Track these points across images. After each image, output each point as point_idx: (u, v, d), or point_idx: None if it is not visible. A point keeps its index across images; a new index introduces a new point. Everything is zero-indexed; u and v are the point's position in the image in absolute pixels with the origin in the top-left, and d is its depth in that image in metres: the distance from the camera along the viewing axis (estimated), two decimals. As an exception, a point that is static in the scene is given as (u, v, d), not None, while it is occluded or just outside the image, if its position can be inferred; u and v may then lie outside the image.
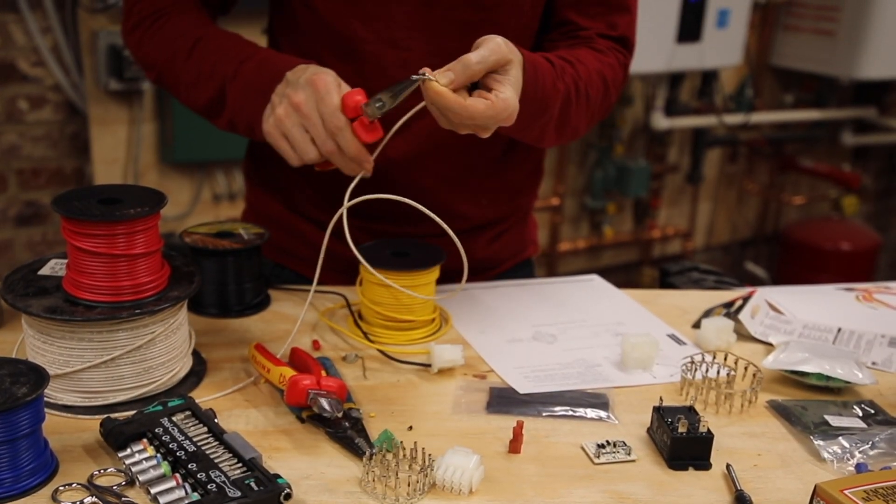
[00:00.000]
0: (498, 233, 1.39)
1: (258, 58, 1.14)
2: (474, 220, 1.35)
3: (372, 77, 1.21)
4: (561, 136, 1.22)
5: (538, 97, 1.09)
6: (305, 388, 0.92)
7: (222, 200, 3.10)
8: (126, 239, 0.93)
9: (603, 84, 1.24)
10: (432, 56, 1.20)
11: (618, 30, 1.28)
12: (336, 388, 0.94)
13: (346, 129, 1.01)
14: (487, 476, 0.87)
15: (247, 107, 1.12)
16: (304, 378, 0.93)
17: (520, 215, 1.44)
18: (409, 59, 1.20)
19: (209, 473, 0.82)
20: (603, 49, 1.26)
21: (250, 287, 1.22)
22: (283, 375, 0.96)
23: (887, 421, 1.01)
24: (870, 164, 4.63)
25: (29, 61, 2.74)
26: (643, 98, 3.79)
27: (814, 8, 3.89)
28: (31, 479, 0.82)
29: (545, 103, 1.12)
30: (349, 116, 1.01)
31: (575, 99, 1.18)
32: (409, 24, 1.18)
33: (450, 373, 1.08)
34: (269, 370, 0.99)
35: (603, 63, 1.24)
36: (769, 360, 1.10)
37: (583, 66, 1.20)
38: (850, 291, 1.41)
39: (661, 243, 4.23)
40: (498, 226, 1.39)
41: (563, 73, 1.15)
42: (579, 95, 1.19)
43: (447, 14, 1.18)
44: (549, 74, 1.12)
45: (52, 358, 0.94)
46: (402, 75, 1.20)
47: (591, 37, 1.27)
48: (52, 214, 2.90)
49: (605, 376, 1.09)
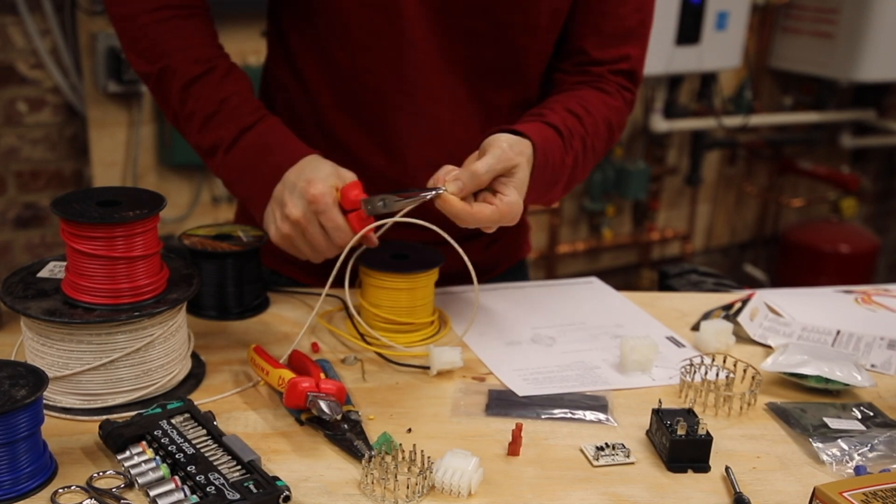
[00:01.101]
0: (494, 238, 1.39)
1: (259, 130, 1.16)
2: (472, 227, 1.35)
3: (384, 73, 1.20)
4: (567, 192, 1.27)
5: (548, 178, 1.15)
6: (304, 391, 0.92)
7: (221, 203, 3.10)
8: (125, 241, 0.93)
9: (608, 132, 1.27)
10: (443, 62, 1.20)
11: (629, 62, 1.28)
12: (335, 390, 0.94)
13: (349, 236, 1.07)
14: (486, 478, 0.87)
15: (242, 184, 1.18)
16: (303, 381, 0.93)
17: None
18: (421, 61, 1.19)
19: (208, 476, 0.82)
20: (611, 91, 1.27)
21: (249, 289, 1.22)
22: (282, 378, 0.96)
23: (886, 423, 1.01)
24: (869, 166, 4.63)
25: (28, 63, 2.74)
26: (642, 100, 3.80)
27: (813, 10, 3.90)
28: (30, 482, 0.82)
29: (555, 179, 1.18)
30: (346, 208, 1.07)
31: (582, 160, 1.22)
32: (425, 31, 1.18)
33: (449, 375, 1.08)
34: (268, 372, 0.99)
35: (610, 108, 1.26)
36: (768, 363, 1.10)
37: (590, 117, 1.23)
38: (849, 294, 1.41)
39: (660, 245, 4.23)
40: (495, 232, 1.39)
41: (572, 140, 1.19)
42: (586, 152, 1.22)
43: (461, 25, 1.19)
44: (559, 151, 1.16)
45: (51, 360, 0.94)
46: (415, 74, 1.20)
47: (603, 74, 1.28)
48: (51, 217, 2.90)
49: (604, 379, 1.09)
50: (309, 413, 0.93)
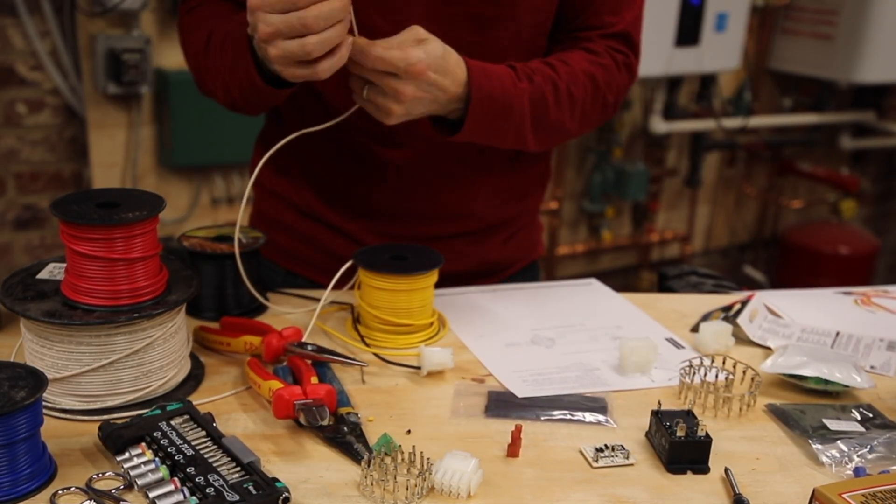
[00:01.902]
0: (511, 233, 1.40)
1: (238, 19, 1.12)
2: (488, 220, 1.35)
3: None
4: (545, 137, 1.22)
5: (495, 96, 1.11)
6: (290, 402, 0.92)
7: (221, 204, 3.10)
8: (124, 242, 0.93)
9: (592, 83, 1.23)
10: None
11: (621, 25, 1.27)
12: (323, 394, 0.94)
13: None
14: (486, 480, 0.87)
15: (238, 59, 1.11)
16: (288, 391, 0.93)
17: (529, 216, 1.45)
18: None
19: (207, 477, 0.82)
20: (598, 50, 1.26)
21: (248, 291, 1.22)
22: (271, 389, 0.96)
23: (885, 425, 1.01)
24: (868, 167, 4.63)
25: (27, 65, 2.74)
26: (642, 102, 3.80)
27: (812, 12, 3.90)
28: (30, 483, 0.82)
29: (507, 102, 1.14)
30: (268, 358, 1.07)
31: (553, 99, 1.19)
32: (426, 18, 1.18)
33: (448, 377, 1.08)
34: (260, 385, 0.99)
35: (593, 63, 1.24)
36: (768, 364, 1.10)
37: (565, 65, 1.21)
38: (849, 295, 1.41)
39: (659, 247, 4.23)
40: (510, 226, 1.40)
41: (532, 74, 1.16)
42: (558, 93, 1.19)
43: (464, 9, 1.19)
44: (508, 76, 1.14)
45: (51, 362, 0.94)
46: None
47: (590, 37, 1.27)
48: (50, 218, 2.90)
49: (603, 380, 1.09)
50: (305, 419, 0.94)
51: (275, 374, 1.01)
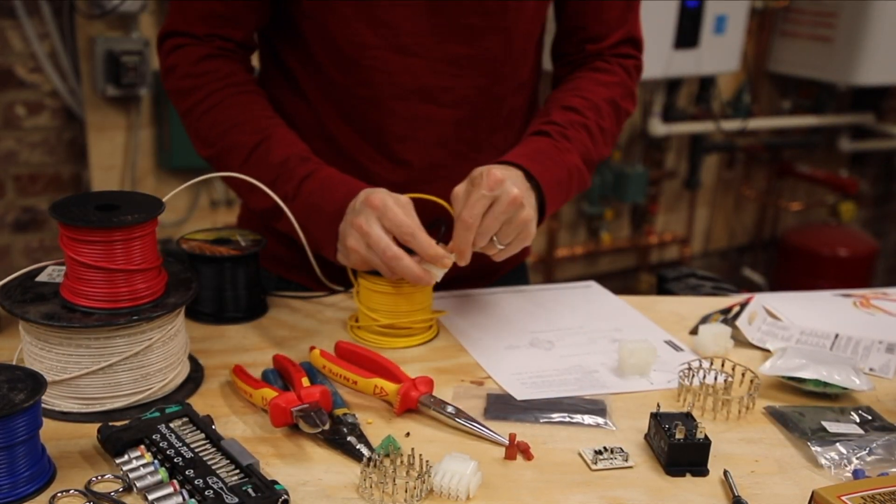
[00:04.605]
0: None
1: (318, 177, 1.16)
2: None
3: (378, 84, 1.21)
4: (593, 170, 1.29)
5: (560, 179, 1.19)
6: (287, 409, 0.92)
7: (219, 207, 3.10)
8: (123, 245, 0.93)
9: (613, 108, 1.29)
10: (438, 62, 1.20)
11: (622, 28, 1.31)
12: (318, 397, 0.94)
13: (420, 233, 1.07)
14: (485, 482, 0.87)
15: (310, 227, 1.17)
16: (283, 398, 0.92)
17: None
18: (415, 64, 1.20)
19: (206, 480, 0.82)
20: (609, 67, 1.29)
21: (247, 294, 1.22)
22: (264, 398, 0.96)
23: (885, 427, 1.01)
24: (867, 170, 4.64)
25: (26, 67, 2.74)
26: (640, 104, 3.80)
27: (811, 14, 3.90)
28: (29, 486, 0.82)
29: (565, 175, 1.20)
30: None
31: (591, 144, 1.25)
32: (415, 30, 1.18)
33: (447, 379, 1.08)
34: (251, 394, 0.99)
35: (609, 85, 1.29)
36: (766, 367, 1.10)
37: (585, 101, 1.26)
38: (848, 297, 1.41)
39: (658, 249, 4.23)
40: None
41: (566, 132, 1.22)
42: (593, 135, 1.25)
43: (454, 20, 1.19)
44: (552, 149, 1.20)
45: (50, 364, 0.94)
46: (407, 81, 1.20)
47: (600, 51, 1.31)
48: (49, 220, 2.90)
49: (602, 382, 1.09)
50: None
51: (263, 380, 1.01)
